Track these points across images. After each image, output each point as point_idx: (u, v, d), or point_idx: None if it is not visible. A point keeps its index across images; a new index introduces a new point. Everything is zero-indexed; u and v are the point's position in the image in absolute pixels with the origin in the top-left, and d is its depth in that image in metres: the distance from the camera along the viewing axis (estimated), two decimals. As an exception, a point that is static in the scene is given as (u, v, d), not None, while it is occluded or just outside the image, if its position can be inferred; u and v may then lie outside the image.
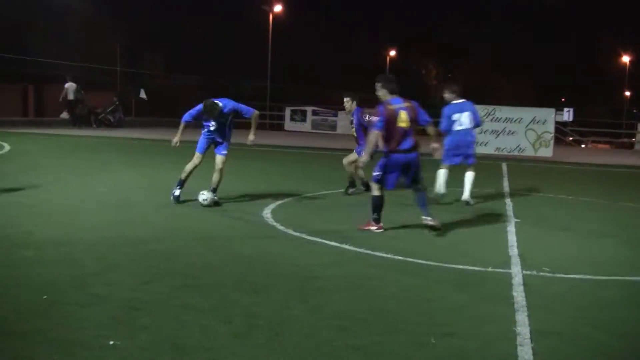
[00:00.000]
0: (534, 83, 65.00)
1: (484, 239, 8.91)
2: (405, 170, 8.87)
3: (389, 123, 8.66)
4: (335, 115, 36.84)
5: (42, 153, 19.24)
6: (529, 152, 25.29)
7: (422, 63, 71.68)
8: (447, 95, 12.11)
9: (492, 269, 7.20)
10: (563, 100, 57.24)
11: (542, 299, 6.19)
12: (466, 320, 5.52)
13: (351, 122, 12.55)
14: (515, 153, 25.26)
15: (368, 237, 8.56)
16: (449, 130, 11.83)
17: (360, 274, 6.85)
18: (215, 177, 10.48)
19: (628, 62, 66.36)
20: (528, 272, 7.08)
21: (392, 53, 71.46)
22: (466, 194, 11.82)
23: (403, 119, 8.72)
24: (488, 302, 6.10)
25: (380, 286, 6.42)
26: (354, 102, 12.33)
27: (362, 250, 7.83)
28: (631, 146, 36.34)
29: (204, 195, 10.29)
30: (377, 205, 8.99)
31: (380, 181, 8.89)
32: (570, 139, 36.38)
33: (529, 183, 15.57)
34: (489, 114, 25.67)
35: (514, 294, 6.28)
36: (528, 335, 5.13)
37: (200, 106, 10.29)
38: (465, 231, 9.35)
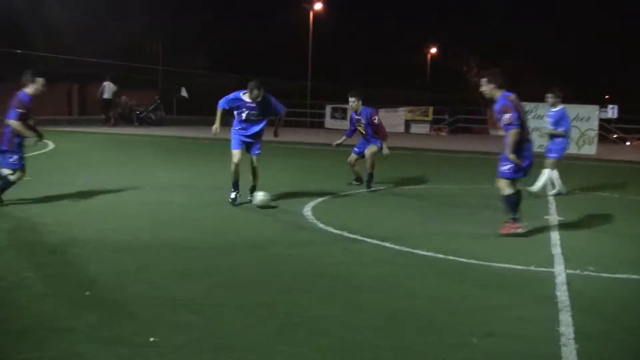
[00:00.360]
0: (577, 80, 64.03)
1: (526, 238, 8.77)
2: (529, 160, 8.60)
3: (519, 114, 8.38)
4: (376, 113, 36.59)
5: (85, 151, 19.50)
6: (572, 150, 24.85)
7: (463, 61, 71.03)
8: (553, 99, 12.67)
9: (535, 268, 7.10)
10: (607, 97, 56.24)
11: (587, 299, 6.09)
12: (508, 320, 5.45)
13: (357, 121, 12.97)
14: (559, 151, 24.90)
15: (409, 236, 8.52)
16: (568, 131, 12.92)
17: (401, 272, 6.81)
18: (252, 177, 10.50)
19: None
20: (572, 272, 6.97)
21: (433, 50, 71.08)
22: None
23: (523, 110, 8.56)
24: (531, 301, 6.02)
25: (421, 285, 6.38)
26: (360, 102, 12.80)
27: (402, 248, 7.79)
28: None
29: (258, 197, 10.15)
30: (515, 203, 8.66)
31: (513, 175, 8.56)
32: (615, 136, 35.77)
33: (572, 181, 15.32)
34: (530, 112, 25.40)
35: (557, 293, 6.19)
36: (572, 335, 5.05)
37: (236, 92, 10.28)
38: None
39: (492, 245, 8.21)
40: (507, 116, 8.33)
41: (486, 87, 8.65)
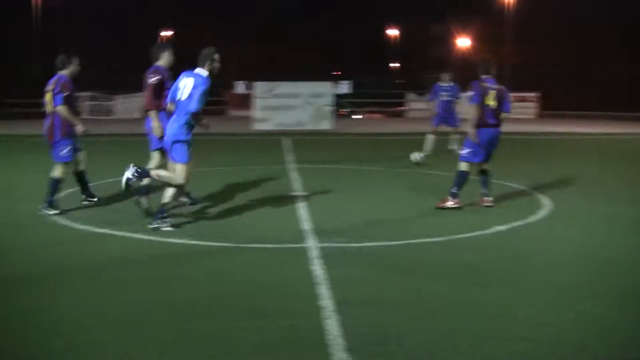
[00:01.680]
0: (320, 56, 66.07)
1: (276, 216, 8.88)
2: None
3: None
4: (111, 100, 35.08)
5: None
6: (310, 126, 25.80)
7: (200, 43, 70.23)
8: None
9: (288, 245, 7.21)
10: (339, 73, 58.93)
11: (342, 270, 6.27)
12: (270, 298, 5.48)
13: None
14: (297, 128, 25.65)
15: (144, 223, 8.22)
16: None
17: (151, 262, 6.62)
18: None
19: (397, 35, 69.51)
20: (324, 245, 7.15)
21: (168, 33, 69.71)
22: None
23: None
24: (288, 278, 6.08)
25: (182, 274, 6.22)
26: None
27: (153, 238, 7.52)
28: (401, 114, 38.24)
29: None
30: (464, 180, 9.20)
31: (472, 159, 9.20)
32: (348, 110, 37.68)
33: (313, 156, 15.88)
34: (268, 91, 25.94)
35: (313, 267, 6.31)
36: (333, 307, 5.15)
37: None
38: (256, 210, 9.26)
39: (243, 227, 8.19)
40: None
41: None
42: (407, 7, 60.86)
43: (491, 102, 9.04)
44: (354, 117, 36.92)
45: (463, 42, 58.50)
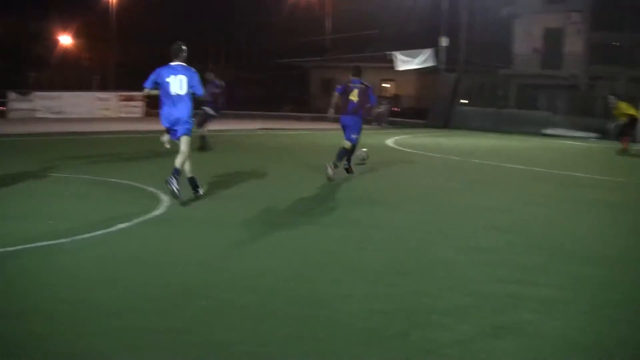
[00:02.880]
0: None
1: None
2: None
3: None
4: None
5: None
6: None
7: None
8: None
9: None
10: None
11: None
12: None
13: None
14: None
15: None
16: None
17: None
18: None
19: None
20: None
21: None
22: None
23: None
24: None
25: None
26: None
27: None
28: (3, 115, 36.00)
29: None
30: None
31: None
32: None
33: None
34: None
35: None
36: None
37: None
38: None
39: None
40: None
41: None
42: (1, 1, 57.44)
43: (354, 98, 11.77)
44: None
45: (65, 40, 57.07)
